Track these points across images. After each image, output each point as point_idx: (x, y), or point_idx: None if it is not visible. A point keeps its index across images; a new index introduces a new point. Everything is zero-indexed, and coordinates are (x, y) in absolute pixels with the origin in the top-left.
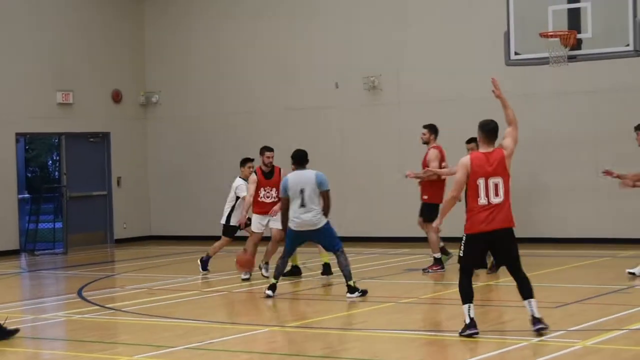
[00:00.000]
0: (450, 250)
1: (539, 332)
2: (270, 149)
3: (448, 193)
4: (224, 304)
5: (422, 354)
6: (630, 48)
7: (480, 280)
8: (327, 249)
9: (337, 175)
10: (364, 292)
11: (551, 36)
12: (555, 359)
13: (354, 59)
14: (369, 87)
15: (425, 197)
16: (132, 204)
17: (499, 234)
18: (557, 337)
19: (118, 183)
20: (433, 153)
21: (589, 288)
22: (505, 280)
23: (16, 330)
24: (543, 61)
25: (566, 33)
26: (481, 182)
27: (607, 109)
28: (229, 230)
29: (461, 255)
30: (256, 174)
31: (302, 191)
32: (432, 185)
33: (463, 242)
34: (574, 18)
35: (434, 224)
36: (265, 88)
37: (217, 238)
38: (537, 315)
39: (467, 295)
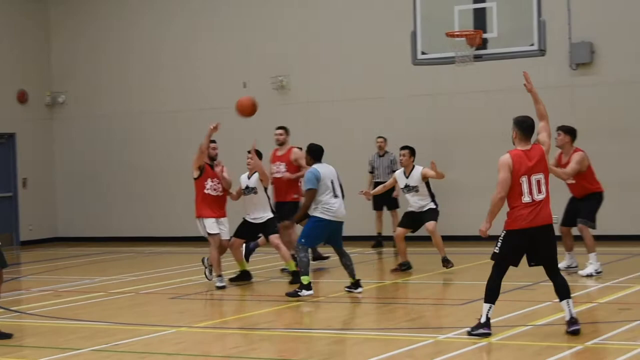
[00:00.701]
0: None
1: (574, 333)
2: (214, 141)
3: (495, 195)
4: (131, 306)
5: (328, 352)
6: (535, 47)
7: (387, 278)
8: (337, 244)
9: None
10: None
11: (457, 36)
12: (462, 355)
13: (262, 59)
14: (277, 86)
15: (295, 195)
16: (39, 205)
17: (542, 230)
18: (463, 333)
19: (24, 184)
20: (299, 152)
21: None
22: (414, 278)
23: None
24: (449, 61)
25: (472, 33)
26: (524, 179)
27: (513, 108)
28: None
29: (497, 252)
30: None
31: (332, 182)
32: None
33: (502, 238)
34: (480, 18)
35: (484, 228)
36: (173, 88)
37: (126, 239)
38: (574, 315)
39: (492, 295)
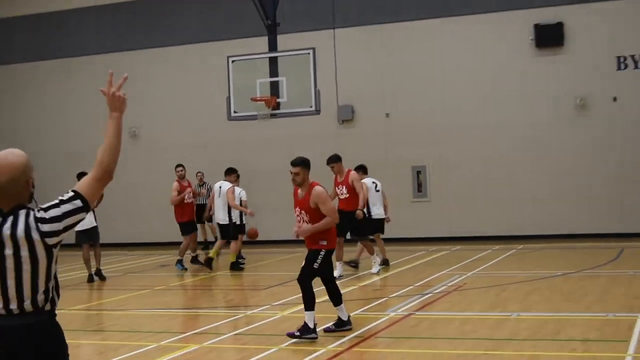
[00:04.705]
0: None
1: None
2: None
3: (333, 220)
4: None
5: (178, 325)
6: (313, 109)
7: None
8: None
9: None
10: None
11: (258, 100)
12: (261, 326)
13: None
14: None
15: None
16: None
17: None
18: (263, 310)
19: None
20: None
21: (287, 274)
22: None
23: None
24: (253, 118)
25: (269, 98)
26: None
27: (300, 151)
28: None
29: (317, 267)
30: None
31: None
32: None
33: (322, 256)
34: (275, 87)
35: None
36: None
37: None
38: (344, 318)
39: (313, 302)
